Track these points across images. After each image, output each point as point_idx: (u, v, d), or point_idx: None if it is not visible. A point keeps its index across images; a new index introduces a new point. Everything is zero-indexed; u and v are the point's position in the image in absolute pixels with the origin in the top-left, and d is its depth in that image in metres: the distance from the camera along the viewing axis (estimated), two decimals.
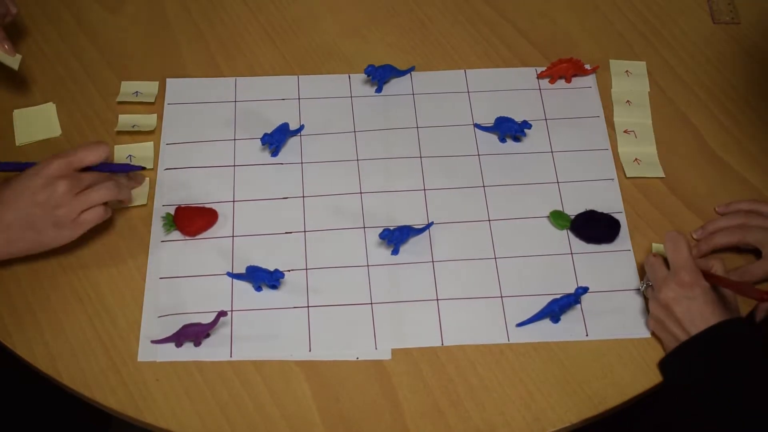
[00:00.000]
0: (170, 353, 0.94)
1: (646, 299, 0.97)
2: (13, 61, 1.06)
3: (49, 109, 1.10)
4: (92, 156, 0.94)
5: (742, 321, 0.92)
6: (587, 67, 1.15)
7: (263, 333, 0.96)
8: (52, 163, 0.92)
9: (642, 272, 0.99)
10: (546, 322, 0.97)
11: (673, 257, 0.92)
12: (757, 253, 0.99)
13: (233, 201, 1.04)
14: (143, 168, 1.03)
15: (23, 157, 1.06)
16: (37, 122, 1.09)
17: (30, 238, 0.93)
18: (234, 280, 0.99)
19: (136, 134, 1.09)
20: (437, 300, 0.98)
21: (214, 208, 1.03)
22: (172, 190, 1.05)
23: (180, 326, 0.93)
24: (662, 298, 0.91)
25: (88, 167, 0.95)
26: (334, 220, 1.03)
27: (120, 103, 1.11)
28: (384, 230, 0.98)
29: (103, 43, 1.17)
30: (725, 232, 1.00)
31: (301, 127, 1.10)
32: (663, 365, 0.93)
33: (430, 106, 1.12)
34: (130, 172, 1.02)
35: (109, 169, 0.98)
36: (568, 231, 1.03)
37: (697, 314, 0.89)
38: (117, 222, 1.02)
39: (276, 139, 1.06)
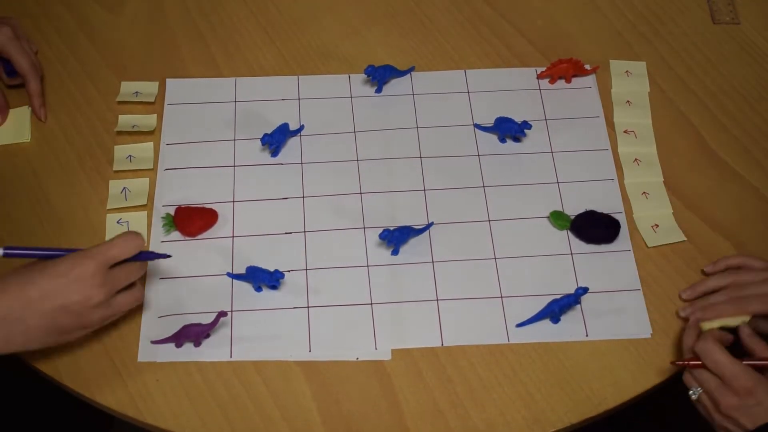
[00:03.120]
0: (170, 353, 0.94)
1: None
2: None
3: (23, 113, 1.10)
4: (128, 251, 0.87)
5: None
6: (587, 67, 1.15)
7: (263, 333, 0.96)
8: (88, 266, 0.83)
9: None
10: (546, 323, 0.97)
11: (717, 368, 0.87)
12: None
13: (233, 201, 1.04)
14: (169, 256, 0.95)
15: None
16: (7, 125, 1.09)
17: (53, 339, 0.86)
18: (234, 281, 0.99)
19: (136, 134, 1.09)
20: (437, 300, 0.98)
21: (214, 208, 1.03)
22: (172, 190, 1.05)
23: (180, 326, 0.93)
24: (725, 407, 0.85)
25: None
26: (334, 221, 1.03)
27: (120, 103, 1.11)
28: (384, 230, 0.98)
29: (103, 43, 1.17)
30: (722, 306, 0.95)
31: (301, 128, 1.10)
32: None
33: (430, 106, 1.12)
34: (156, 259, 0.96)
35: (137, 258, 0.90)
36: (568, 231, 1.03)
37: (760, 409, 0.84)
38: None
39: (276, 140, 1.06)
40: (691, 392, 0.89)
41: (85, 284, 0.83)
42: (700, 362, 0.88)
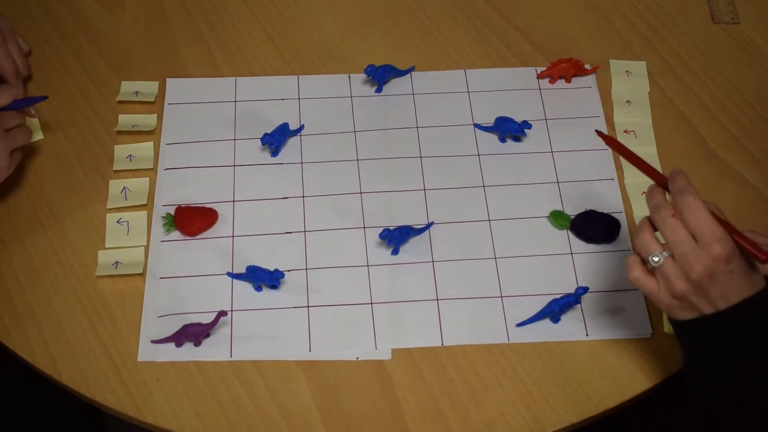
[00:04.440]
0: (170, 353, 0.94)
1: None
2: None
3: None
4: (3, 100, 0.97)
5: None
6: (587, 67, 1.15)
7: (263, 333, 0.96)
8: None
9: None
10: (546, 322, 0.97)
11: (696, 227, 0.77)
12: None
13: (233, 201, 1.04)
14: (46, 98, 1.05)
15: None
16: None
17: None
18: (234, 280, 0.99)
19: (136, 134, 1.09)
20: (437, 300, 0.98)
21: (214, 208, 1.03)
22: (172, 190, 1.05)
23: (180, 326, 0.93)
24: (695, 276, 0.77)
25: None
26: (334, 220, 1.03)
27: (120, 102, 1.11)
28: (384, 230, 0.98)
29: (103, 43, 1.17)
30: None
31: (301, 127, 1.10)
32: (680, 326, 0.82)
33: (430, 106, 1.12)
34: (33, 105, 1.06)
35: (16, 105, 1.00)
36: (568, 231, 1.03)
37: (735, 289, 0.77)
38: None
39: (276, 139, 1.06)
40: (654, 257, 0.79)
41: None
42: (675, 215, 0.78)
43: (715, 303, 0.78)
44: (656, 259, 0.79)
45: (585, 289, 0.95)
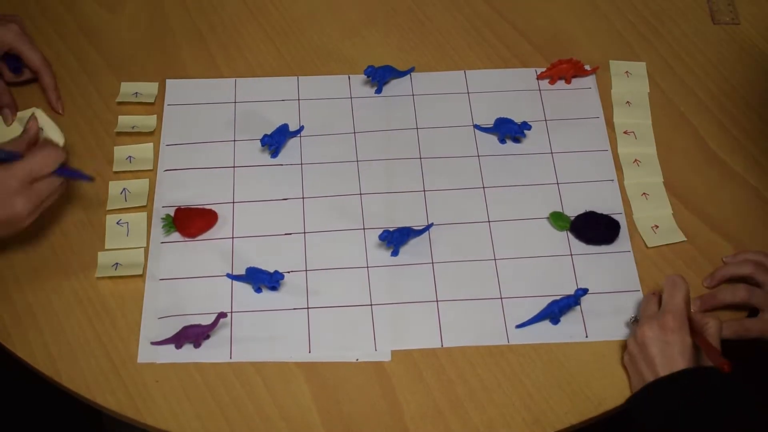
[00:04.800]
0: (170, 355, 0.94)
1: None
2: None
3: (29, 116, 1.10)
4: (49, 165, 0.92)
5: (714, 371, 0.87)
6: (587, 67, 1.15)
7: (263, 334, 0.96)
8: (10, 184, 0.90)
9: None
10: (546, 324, 0.97)
11: (667, 300, 0.91)
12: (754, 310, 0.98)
13: (233, 202, 1.04)
14: (92, 179, 1.00)
15: None
16: (16, 127, 1.08)
17: None
18: (234, 282, 0.99)
19: (135, 135, 1.09)
20: (437, 301, 0.98)
21: (213, 209, 1.03)
22: (171, 191, 1.05)
23: (180, 327, 0.93)
24: (640, 334, 0.90)
25: None
26: (334, 222, 1.03)
27: (120, 103, 1.11)
28: (384, 231, 0.98)
29: (103, 43, 1.17)
30: (730, 290, 0.97)
31: (301, 128, 1.10)
32: (630, 403, 0.91)
33: (429, 107, 1.12)
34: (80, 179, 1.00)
35: (60, 173, 0.94)
36: (568, 232, 1.03)
37: (669, 360, 0.87)
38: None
39: (276, 141, 1.06)
40: (632, 316, 0.96)
41: (10, 201, 0.90)
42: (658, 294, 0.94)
43: (653, 366, 0.88)
44: (630, 319, 0.97)
45: (585, 291, 0.95)
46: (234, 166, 1.07)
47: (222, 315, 0.93)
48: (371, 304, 0.98)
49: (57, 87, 1.10)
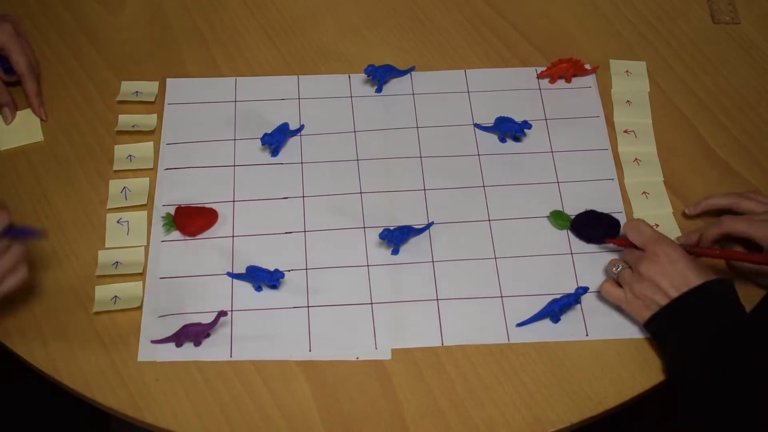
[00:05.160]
0: (170, 353, 0.94)
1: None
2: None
3: (32, 114, 1.10)
4: None
5: (730, 281, 0.91)
6: (587, 67, 1.15)
7: (263, 333, 0.96)
8: None
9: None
10: (546, 322, 0.97)
11: (639, 239, 0.94)
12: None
13: (233, 201, 1.04)
14: (42, 236, 0.93)
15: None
16: (19, 127, 1.09)
17: None
18: (234, 280, 0.98)
19: (136, 134, 1.09)
20: (437, 300, 0.98)
21: (214, 208, 1.03)
22: (172, 190, 1.05)
23: (180, 326, 0.93)
24: (644, 271, 0.92)
25: None
26: (334, 220, 1.03)
27: (120, 102, 1.11)
28: (384, 230, 0.98)
29: (103, 43, 1.17)
30: (719, 196, 1.01)
31: (301, 127, 1.10)
32: (650, 327, 0.93)
33: (430, 106, 1.12)
34: (31, 237, 0.92)
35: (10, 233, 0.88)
36: (568, 231, 1.03)
37: (680, 279, 0.90)
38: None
39: (276, 139, 1.06)
40: (615, 267, 0.96)
41: None
42: (625, 241, 0.96)
43: (667, 293, 0.90)
44: (615, 269, 0.96)
45: (585, 289, 0.95)
46: (234, 165, 1.07)
47: (222, 313, 0.93)
48: (371, 303, 0.98)
49: (40, 93, 1.10)
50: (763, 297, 0.97)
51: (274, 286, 0.98)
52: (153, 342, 0.94)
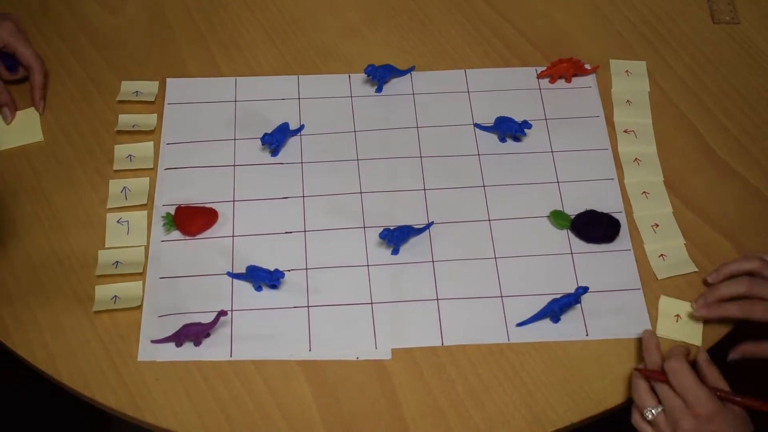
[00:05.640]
0: (170, 353, 0.94)
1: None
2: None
3: (32, 114, 1.10)
4: None
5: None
6: (587, 67, 1.15)
7: (263, 333, 0.96)
8: None
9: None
10: (546, 322, 0.97)
11: (682, 390, 0.86)
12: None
13: (233, 201, 1.04)
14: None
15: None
16: (19, 127, 1.09)
17: None
18: (234, 280, 0.98)
19: (136, 134, 1.09)
20: (437, 300, 0.98)
21: (214, 207, 1.03)
22: (172, 189, 1.05)
23: (180, 326, 0.93)
24: (682, 431, 0.85)
25: None
26: (335, 220, 1.03)
27: (120, 102, 1.11)
28: (384, 230, 0.98)
29: (103, 43, 1.17)
30: (732, 283, 0.94)
31: (301, 127, 1.10)
32: None
33: (430, 106, 1.12)
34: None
35: None
36: (568, 231, 1.03)
37: None
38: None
39: (276, 139, 1.06)
40: (647, 410, 0.88)
41: None
42: (664, 378, 0.88)
43: None
44: (649, 415, 0.88)
45: (585, 289, 0.95)
46: (234, 165, 1.07)
47: (222, 313, 0.93)
48: (371, 303, 0.98)
49: (44, 87, 1.10)
50: None
51: (274, 286, 0.98)
52: (153, 342, 0.94)
